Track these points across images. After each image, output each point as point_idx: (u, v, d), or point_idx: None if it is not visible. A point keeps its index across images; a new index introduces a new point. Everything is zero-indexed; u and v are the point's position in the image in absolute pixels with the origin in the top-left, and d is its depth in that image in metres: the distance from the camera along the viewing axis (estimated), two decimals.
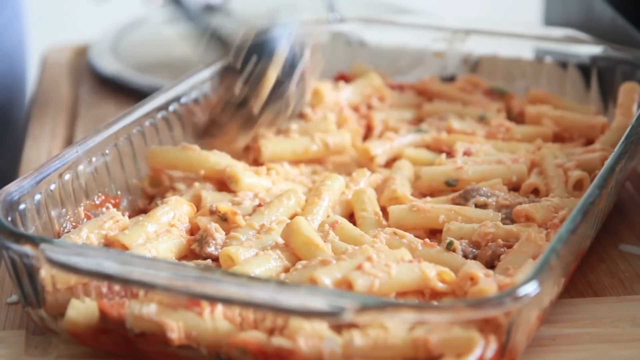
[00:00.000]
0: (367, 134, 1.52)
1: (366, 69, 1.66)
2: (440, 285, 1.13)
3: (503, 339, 1.04)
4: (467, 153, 1.42)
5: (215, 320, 1.07)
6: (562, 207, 1.27)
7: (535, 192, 1.35)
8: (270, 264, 1.18)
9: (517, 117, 1.55)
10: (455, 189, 1.34)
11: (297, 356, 1.04)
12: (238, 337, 1.06)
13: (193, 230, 1.27)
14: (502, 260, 1.18)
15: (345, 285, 1.10)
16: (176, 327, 1.08)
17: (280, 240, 1.21)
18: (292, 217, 1.26)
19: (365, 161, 1.42)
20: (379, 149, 1.43)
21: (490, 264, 1.19)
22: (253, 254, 1.19)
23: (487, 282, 1.10)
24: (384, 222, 1.28)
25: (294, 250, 1.20)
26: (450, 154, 1.43)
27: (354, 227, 1.25)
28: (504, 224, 1.25)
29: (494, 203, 1.30)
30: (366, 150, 1.43)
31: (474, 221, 1.26)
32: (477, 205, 1.30)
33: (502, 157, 1.39)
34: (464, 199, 1.31)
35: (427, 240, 1.22)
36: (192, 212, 1.29)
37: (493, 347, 1.04)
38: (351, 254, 1.16)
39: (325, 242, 1.21)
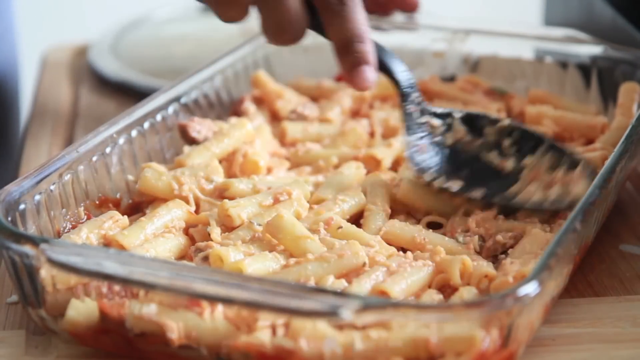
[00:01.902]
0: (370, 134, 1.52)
1: None
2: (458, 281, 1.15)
3: (504, 337, 1.04)
4: None
5: (215, 321, 1.07)
6: None
7: None
8: (266, 264, 1.18)
9: (517, 117, 1.55)
10: None
11: (298, 357, 1.04)
12: (240, 341, 1.06)
13: (189, 232, 1.27)
14: (509, 255, 1.20)
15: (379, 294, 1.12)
16: (176, 327, 1.07)
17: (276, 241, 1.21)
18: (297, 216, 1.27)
19: (372, 166, 1.42)
20: (384, 153, 1.42)
21: (495, 256, 1.20)
22: (242, 256, 1.19)
23: (509, 269, 1.11)
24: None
25: (283, 247, 1.20)
26: None
27: (351, 225, 1.25)
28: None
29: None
30: (372, 156, 1.42)
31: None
32: None
33: None
34: None
35: (431, 231, 1.23)
36: (190, 214, 1.28)
37: (493, 345, 1.04)
38: (339, 249, 1.16)
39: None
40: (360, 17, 1.20)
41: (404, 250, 1.22)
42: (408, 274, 1.14)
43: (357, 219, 1.30)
